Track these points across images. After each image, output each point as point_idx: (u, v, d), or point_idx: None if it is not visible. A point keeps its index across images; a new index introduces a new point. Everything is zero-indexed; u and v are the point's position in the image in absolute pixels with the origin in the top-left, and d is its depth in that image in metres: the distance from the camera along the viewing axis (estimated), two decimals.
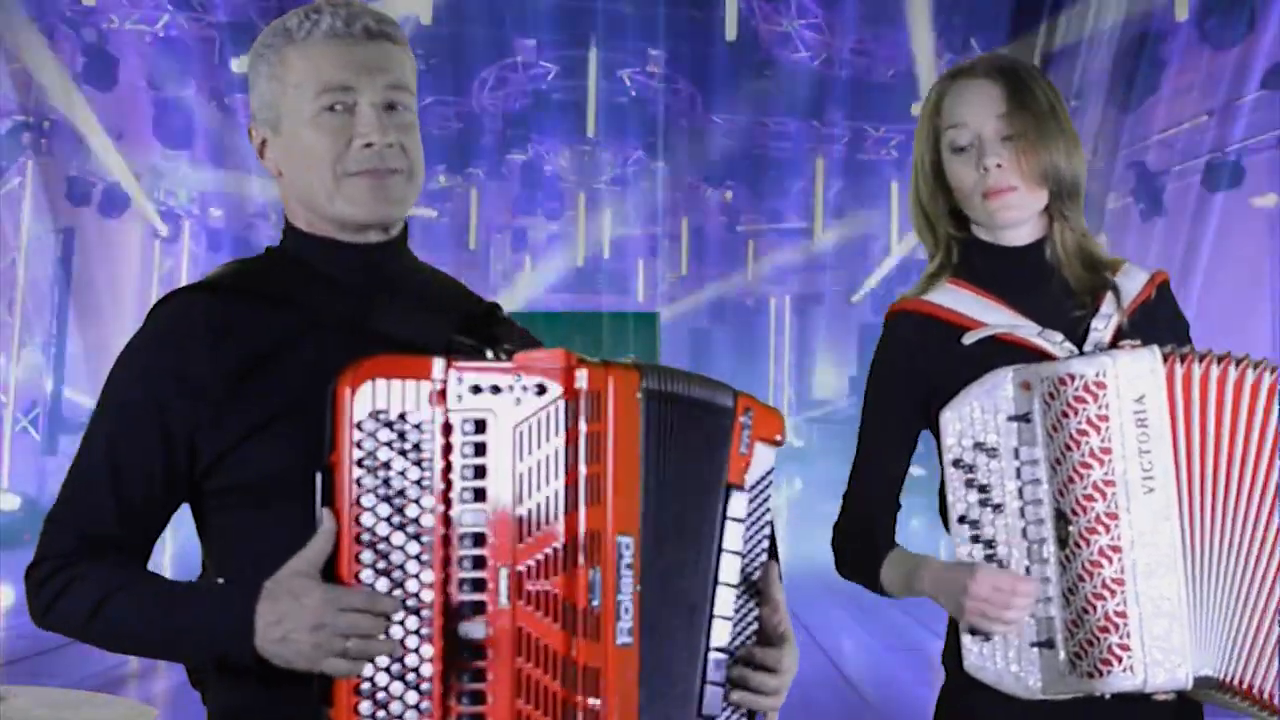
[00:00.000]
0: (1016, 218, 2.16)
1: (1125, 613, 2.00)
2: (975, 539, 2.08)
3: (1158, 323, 2.18)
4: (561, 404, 1.55)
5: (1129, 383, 2.02)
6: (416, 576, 1.53)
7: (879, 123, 15.38)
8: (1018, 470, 2.06)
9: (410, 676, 1.52)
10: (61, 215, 14.47)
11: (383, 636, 1.51)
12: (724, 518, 1.73)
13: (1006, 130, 2.12)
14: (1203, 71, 11.37)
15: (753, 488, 1.76)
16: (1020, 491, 2.06)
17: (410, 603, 1.53)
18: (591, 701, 1.53)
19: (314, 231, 1.77)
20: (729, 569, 1.73)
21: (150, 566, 1.72)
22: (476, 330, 1.69)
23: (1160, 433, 2.02)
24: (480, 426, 1.55)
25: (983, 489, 2.07)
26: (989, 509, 2.07)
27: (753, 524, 1.76)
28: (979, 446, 2.07)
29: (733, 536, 1.73)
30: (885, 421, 2.23)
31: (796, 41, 14.64)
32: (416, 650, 1.52)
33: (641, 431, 1.60)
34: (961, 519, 2.09)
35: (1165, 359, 2.04)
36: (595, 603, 1.54)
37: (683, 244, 17.75)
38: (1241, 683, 2.03)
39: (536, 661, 1.53)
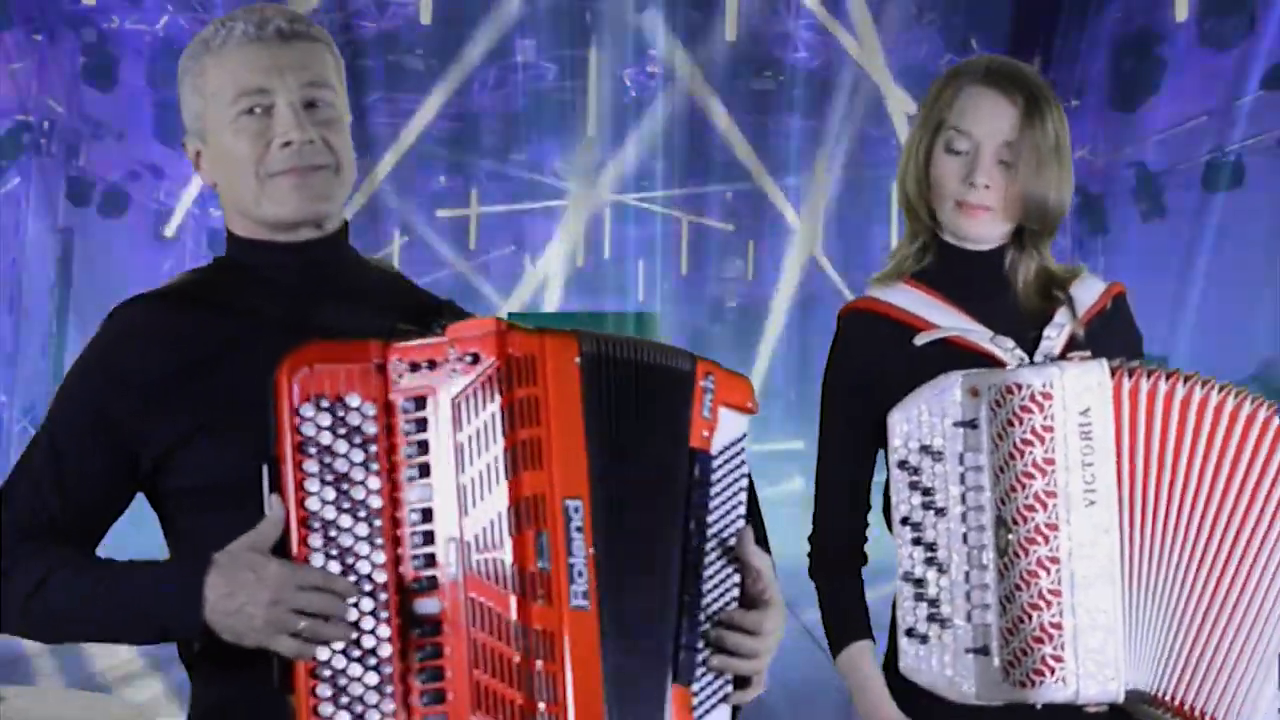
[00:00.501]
0: (980, 235, 2.17)
1: (1060, 624, 2.00)
2: (917, 541, 2.09)
3: (1113, 334, 2.18)
4: (494, 371, 1.56)
5: (1075, 395, 2.02)
6: (367, 557, 1.55)
7: (879, 122, 15.37)
8: (961, 475, 2.05)
9: (368, 657, 1.53)
10: (61, 215, 14.47)
11: (337, 620, 1.52)
12: (691, 481, 1.72)
13: (1007, 155, 2.12)
14: (1203, 71, 11.35)
15: (721, 453, 1.76)
16: (963, 497, 2.05)
17: (363, 584, 1.54)
18: (548, 665, 1.53)
19: (251, 236, 1.81)
20: (699, 533, 1.72)
21: None
22: (422, 321, 1.69)
23: (1105, 446, 2.02)
24: (420, 403, 1.57)
25: (926, 492, 2.08)
26: (932, 512, 2.08)
27: (723, 489, 1.76)
28: (925, 449, 2.08)
29: (700, 500, 1.73)
30: (843, 429, 2.23)
31: (797, 41, 14.64)
32: (373, 631, 1.54)
33: (584, 395, 1.60)
34: (905, 520, 2.10)
35: (1114, 373, 2.03)
36: (544, 565, 1.54)
37: (683, 244, 17.75)
38: (1174, 699, 2.03)
39: (490, 630, 1.54)
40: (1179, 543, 2.03)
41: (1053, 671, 1.99)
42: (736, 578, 1.75)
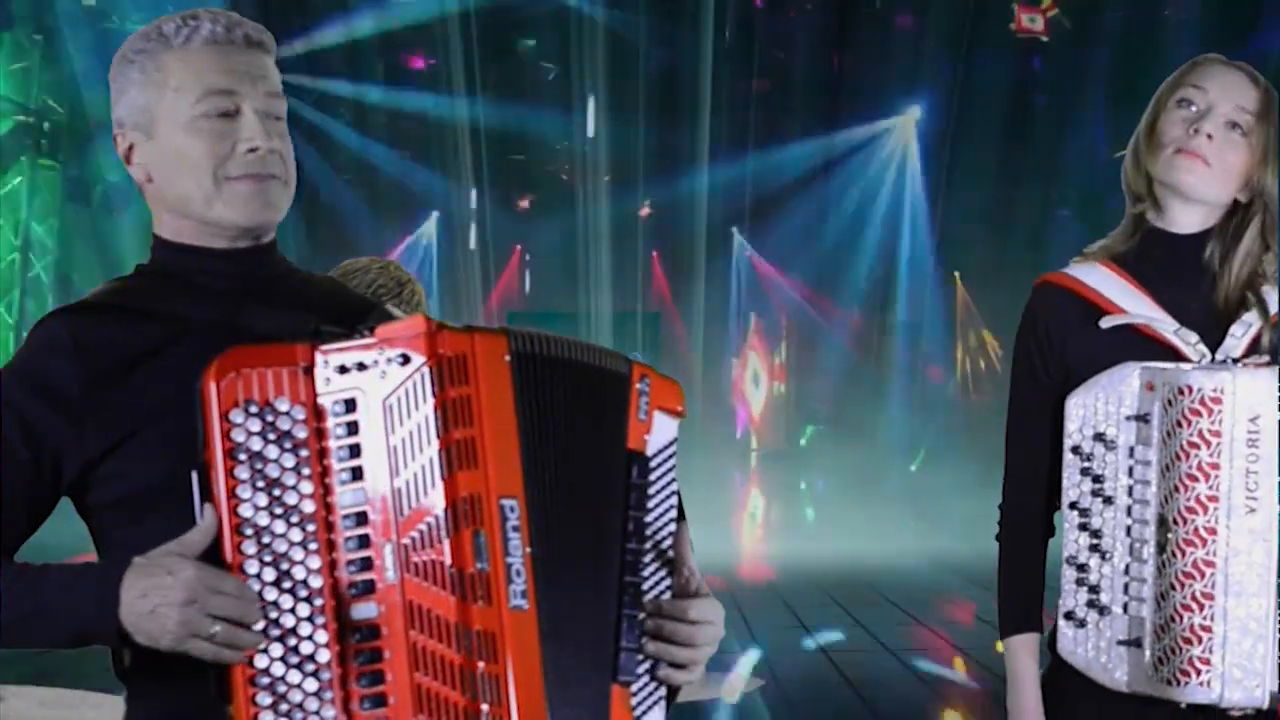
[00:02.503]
0: (1193, 188, 2.13)
1: (1210, 628, 2.02)
2: (1083, 527, 2.11)
3: None
4: (425, 371, 1.54)
5: (1245, 401, 2.02)
6: (302, 563, 1.53)
7: (879, 123, 15.39)
8: (1130, 468, 2.07)
9: (306, 664, 1.52)
10: (61, 215, 14.48)
11: (258, 627, 1.50)
12: (628, 483, 1.71)
13: (1239, 119, 2.11)
14: None
15: (654, 456, 1.75)
16: (1130, 489, 2.07)
17: (299, 590, 1.52)
18: (490, 666, 1.52)
19: (180, 240, 1.76)
20: (637, 535, 1.71)
21: None
22: (348, 322, 1.67)
23: (1270, 454, 2.02)
24: (350, 405, 1.54)
25: (1097, 479, 2.10)
26: (1100, 500, 2.10)
27: (658, 491, 1.75)
28: (1099, 437, 2.09)
29: (638, 502, 1.72)
30: (1031, 396, 2.22)
31: (797, 41, 14.64)
32: (310, 637, 1.52)
33: (516, 394, 1.59)
34: (1073, 505, 2.11)
35: None
36: (482, 566, 1.52)
37: (683, 244, 17.73)
38: None
39: (430, 632, 1.52)
40: None
41: (1199, 673, 2.01)
42: (669, 579, 1.75)
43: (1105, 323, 2.12)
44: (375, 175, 15.91)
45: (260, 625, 1.51)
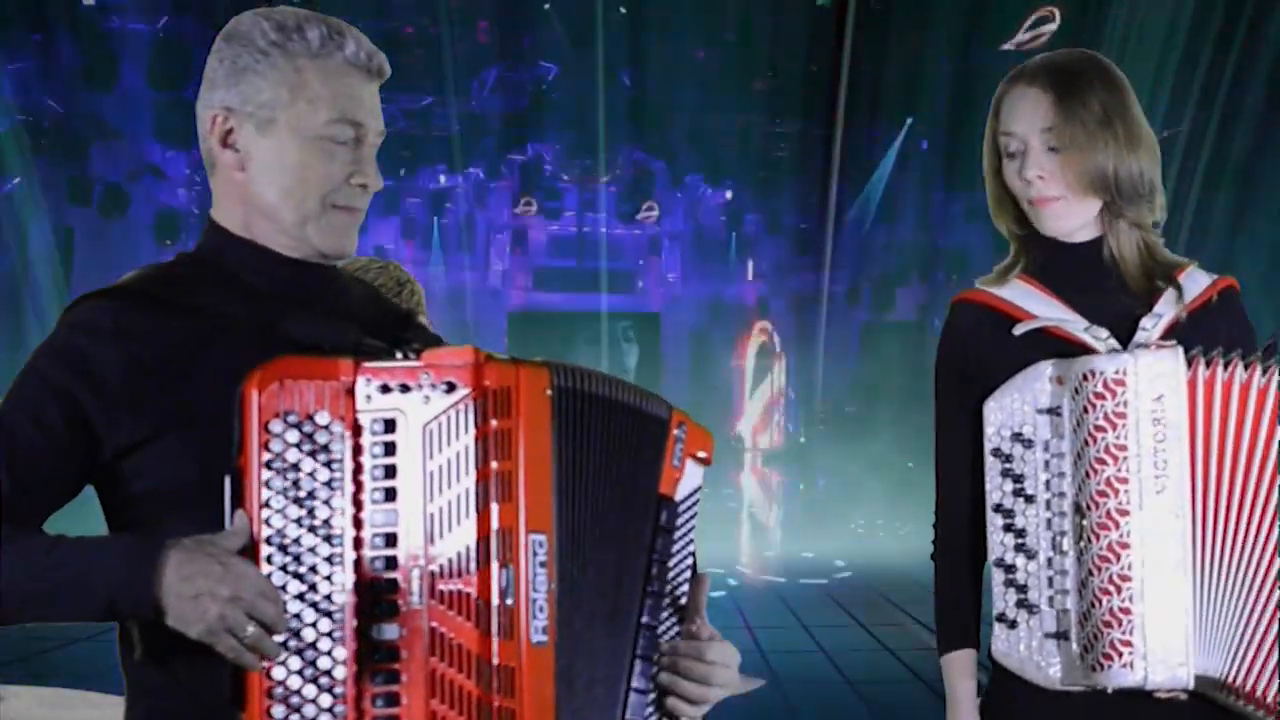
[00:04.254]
0: (1065, 226, 2.17)
1: (1130, 609, 2.01)
2: (1008, 528, 2.11)
3: (1217, 329, 2.16)
4: (470, 402, 1.54)
5: (1149, 382, 2.03)
6: (328, 578, 1.52)
7: (879, 122, 15.39)
8: (1046, 462, 2.08)
9: (323, 679, 1.51)
10: (61, 215, 14.48)
11: (279, 639, 1.49)
12: (656, 528, 1.72)
13: (1052, 141, 2.12)
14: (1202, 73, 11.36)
15: (682, 501, 1.76)
16: (1048, 484, 2.08)
17: (322, 605, 1.52)
18: (505, 701, 1.52)
19: (251, 236, 1.74)
20: (659, 579, 1.72)
21: None
22: (386, 333, 1.68)
23: (1178, 434, 2.02)
24: (390, 426, 1.54)
25: (1018, 479, 2.10)
26: (1022, 499, 2.10)
27: (681, 537, 1.76)
28: (1016, 437, 2.10)
29: (664, 547, 1.73)
30: (954, 415, 2.23)
31: (801, 41, 14.64)
32: (329, 652, 1.51)
33: (553, 429, 1.59)
34: (997, 507, 2.12)
35: (1190, 361, 2.03)
36: (509, 601, 1.52)
37: (683, 244, 17.75)
38: (1244, 685, 2.03)
39: (450, 661, 1.52)
40: (1251, 530, 2.03)
41: (1120, 656, 2.01)
42: (679, 625, 1.76)
43: (1018, 329, 2.13)
44: None
45: (282, 637, 1.50)
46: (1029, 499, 2.10)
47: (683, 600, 1.76)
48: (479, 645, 1.52)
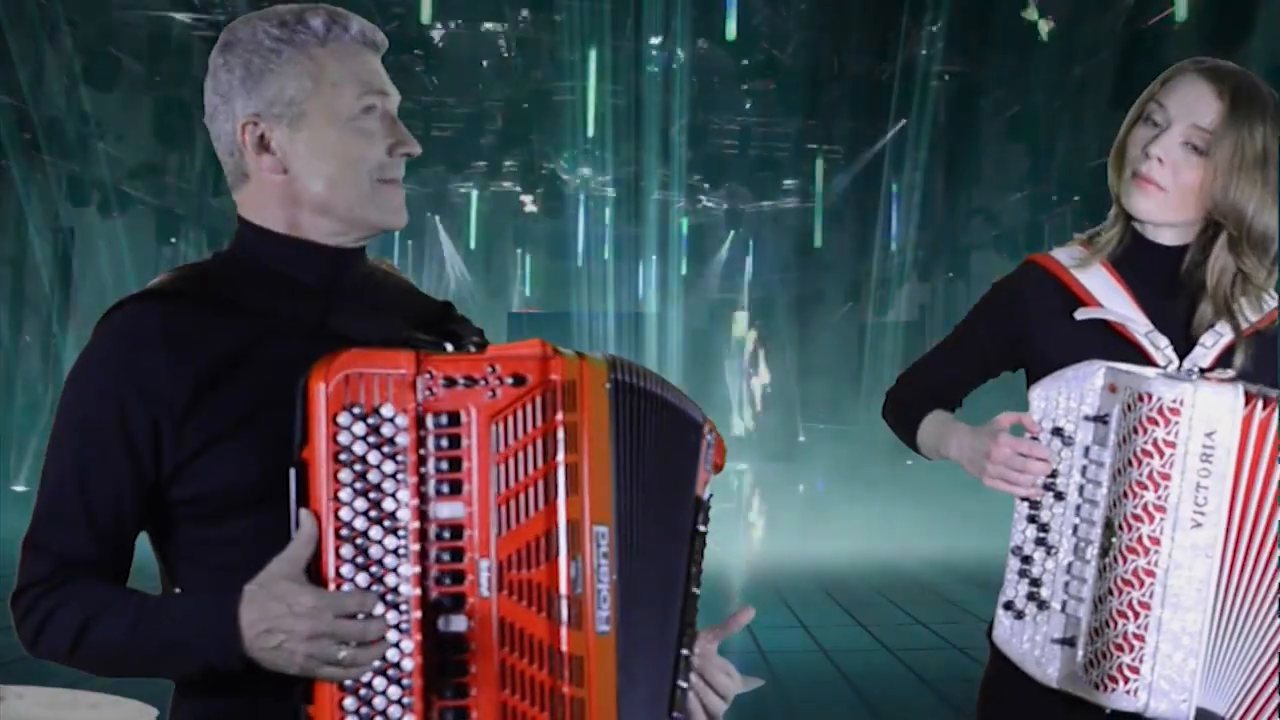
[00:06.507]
0: (1147, 213, 2.14)
1: (1143, 637, 2.01)
2: (1032, 519, 2.11)
3: (1263, 354, 2.14)
4: (538, 395, 1.55)
5: (1204, 415, 2.00)
6: (395, 570, 1.53)
7: (878, 122, 15.39)
8: (1084, 468, 2.07)
9: (392, 671, 1.52)
10: (61, 215, 14.47)
11: (375, 640, 1.50)
12: (694, 528, 1.75)
13: (1196, 140, 2.09)
14: None
15: (707, 504, 1.79)
16: (1082, 489, 2.07)
17: (390, 597, 1.52)
18: (575, 690, 1.53)
19: (295, 233, 1.73)
20: (697, 577, 1.76)
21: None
22: (433, 327, 1.69)
23: (1223, 471, 2.00)
24: (454, 418, 1.55)
25: (1052, 473, 2.10)
26: (1051, 494, 2.10)
27: (704, 543, 1.79)
28: (1056, 431, 2.10)
29: (699, 547, 1.76)
30: (970, 338, 2.28)
31: (797, 41, 14.64)
32: (397, 645, 1.52)
33: (611, 421, 1.60)
34: (1024, 496, 2.12)
35: (1248, 399, 2.01)
36: (579, 591, 1.54)
37: (683, 244, 17.75)
38: None
39: (521, 652, 1.53)
40: (1273, 576, 2.02)
41: (1126, 681, 2.01)
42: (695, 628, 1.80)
43: (1080, 314, 2.13)
44: None
45: (381, 633, 1.50)
46: (1059, 496, 2.09)
47: (696, 603, 1.79)
48: (549, 635, 1.53)
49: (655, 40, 14.43)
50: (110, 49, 13.09)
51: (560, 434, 1.55)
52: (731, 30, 13.66)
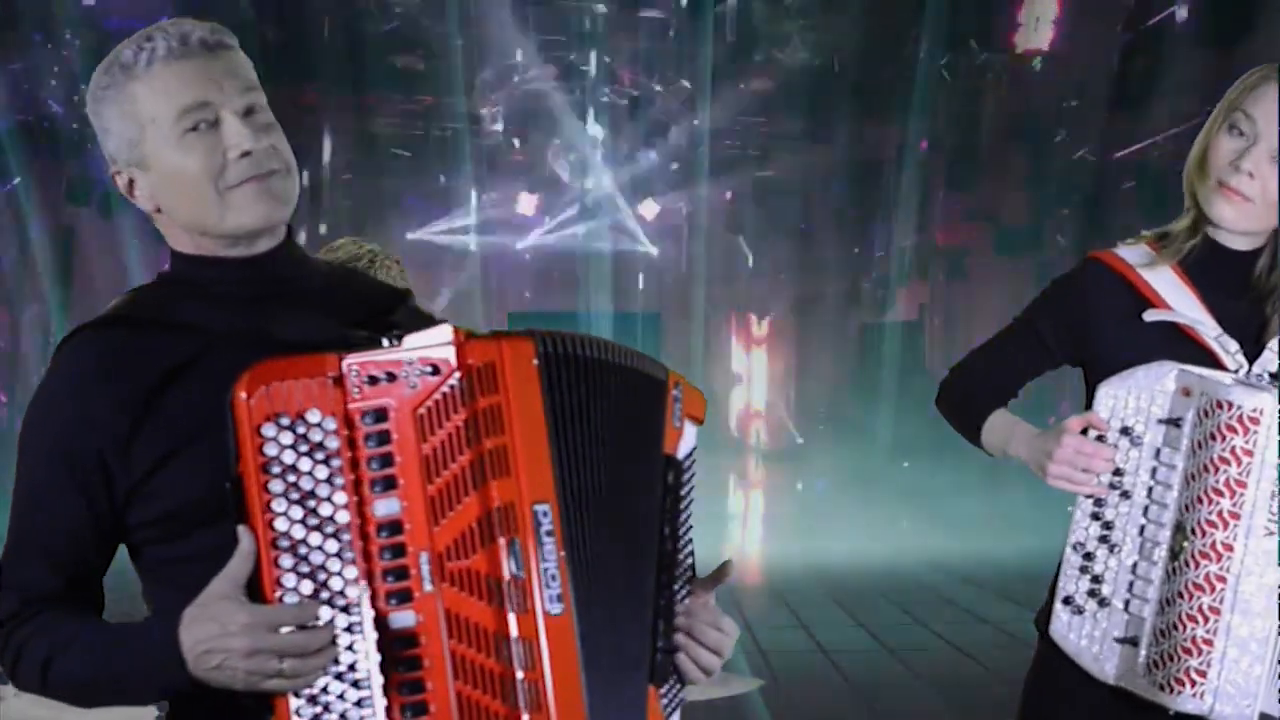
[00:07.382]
0: (1233, 222, 2.15)
1: (1212, 642, 2.03)
2: (1096, 516, 2.12)
3: None
4: (455, 381, 1.55)
5: None
6: (339, 574, 1.53)
7: (878, 122, 15.38)
8: (1154, 469, 2.08)
9: (348, 674, 1.52)
10: (61, 215, 14.47)
11: (319, 649, 1.50)
12: (665, 487, 1.74)
13: None
14: (1203, 71, 11.36)
15: (684, 460, 1.78)
16: (1150, 490, 2.08)
17: (337, 600, 1.53)
18: (529, 674, 1.52)
19: (201, 253, 1.74)
20: (673, 538, 1.74)
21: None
22: (375, 320, 1.68)
23: None
24: (381, 415, 1.55)
25: (1117, 472, 2.10)
26: (1117, 493, 2.10)
27: (685, 495, 1.78)
28: (1125, 430, 2.10)
29: (674, 506, 1.75)
30: (1029, 331, 2.27)
31: (797, 41, 14.63)
32: (350, 647, 1.52)
33: (544, 398, 1.59)
34: (1087, 495, 2.12)
35: None
36: (517, 573, 1.53)
37: (684, 244, 17.74)
38: None
39: (469, 641, 1.53)
40: None
41: (1193, 684, 2.02)
42: (689, 584, 1.78)
43: (1149, 315, 2.13)
44: None
45: (326, 642, 1.51)
46: (1125, 495, 2.09)
47: (689, 562, 1.77)
48: (495, 622, 1.52)
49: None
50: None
51: (481, 418, 1.55)
52: (731, 32, 13.64)
